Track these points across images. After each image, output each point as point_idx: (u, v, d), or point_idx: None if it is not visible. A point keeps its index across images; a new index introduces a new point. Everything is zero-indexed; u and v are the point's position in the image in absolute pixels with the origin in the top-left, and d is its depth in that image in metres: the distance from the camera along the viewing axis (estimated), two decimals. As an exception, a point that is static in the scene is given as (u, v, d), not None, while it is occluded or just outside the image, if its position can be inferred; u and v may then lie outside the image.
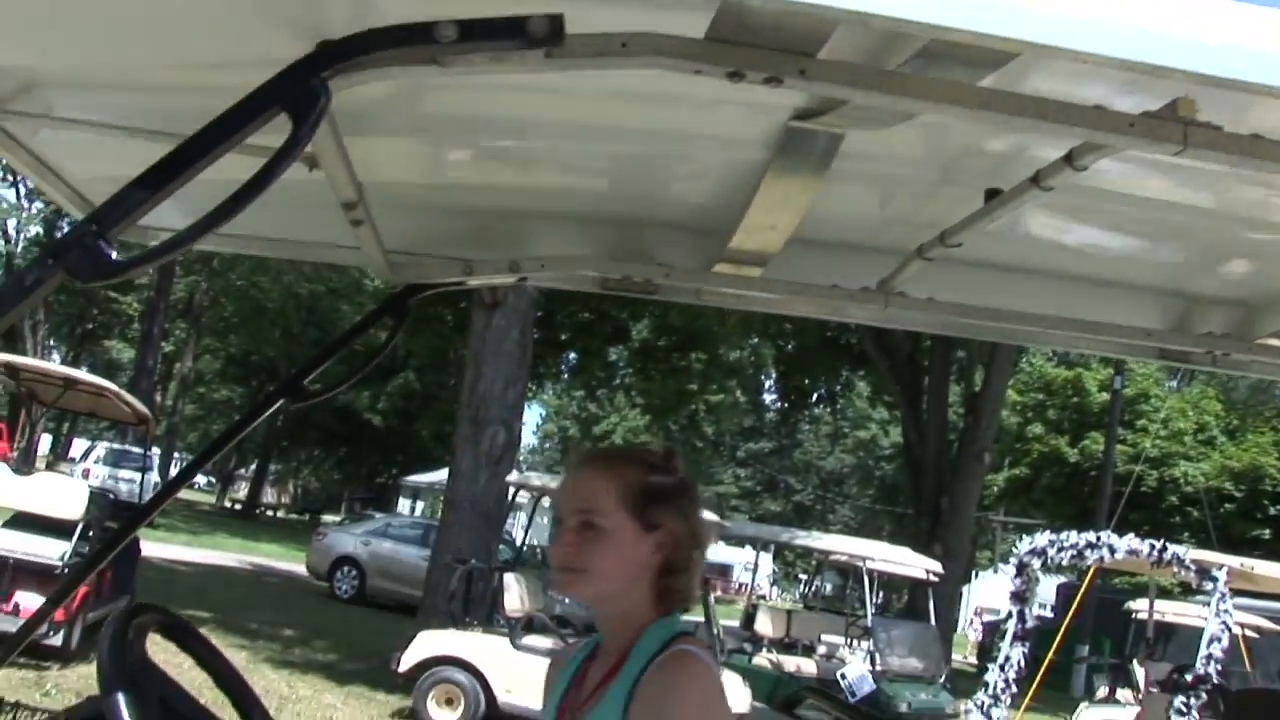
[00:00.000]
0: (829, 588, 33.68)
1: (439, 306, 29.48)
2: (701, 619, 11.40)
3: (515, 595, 11.68)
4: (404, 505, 47.55)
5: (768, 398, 62.13)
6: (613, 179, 2.48)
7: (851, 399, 52.56)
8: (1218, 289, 2.82)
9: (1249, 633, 17.19)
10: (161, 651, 1.98)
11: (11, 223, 44.06)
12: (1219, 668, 9.77)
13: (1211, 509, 32.97)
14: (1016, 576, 9.35)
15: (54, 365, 15.37)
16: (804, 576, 32.64)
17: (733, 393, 45.42)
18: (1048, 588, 32.46)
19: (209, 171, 1.37)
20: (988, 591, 40.26)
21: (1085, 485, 34.34)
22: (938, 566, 16.53)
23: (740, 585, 48.85)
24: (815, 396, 39.73)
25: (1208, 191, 2.23)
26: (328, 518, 43.29)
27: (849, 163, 2.07)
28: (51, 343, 53.49)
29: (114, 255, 1.28)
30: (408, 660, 10.90)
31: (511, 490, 13.67)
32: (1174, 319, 2.89)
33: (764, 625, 17.43)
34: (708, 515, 14.94)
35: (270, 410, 2.53)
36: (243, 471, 59.44)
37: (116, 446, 35.51)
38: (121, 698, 1.49)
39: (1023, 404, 38.99)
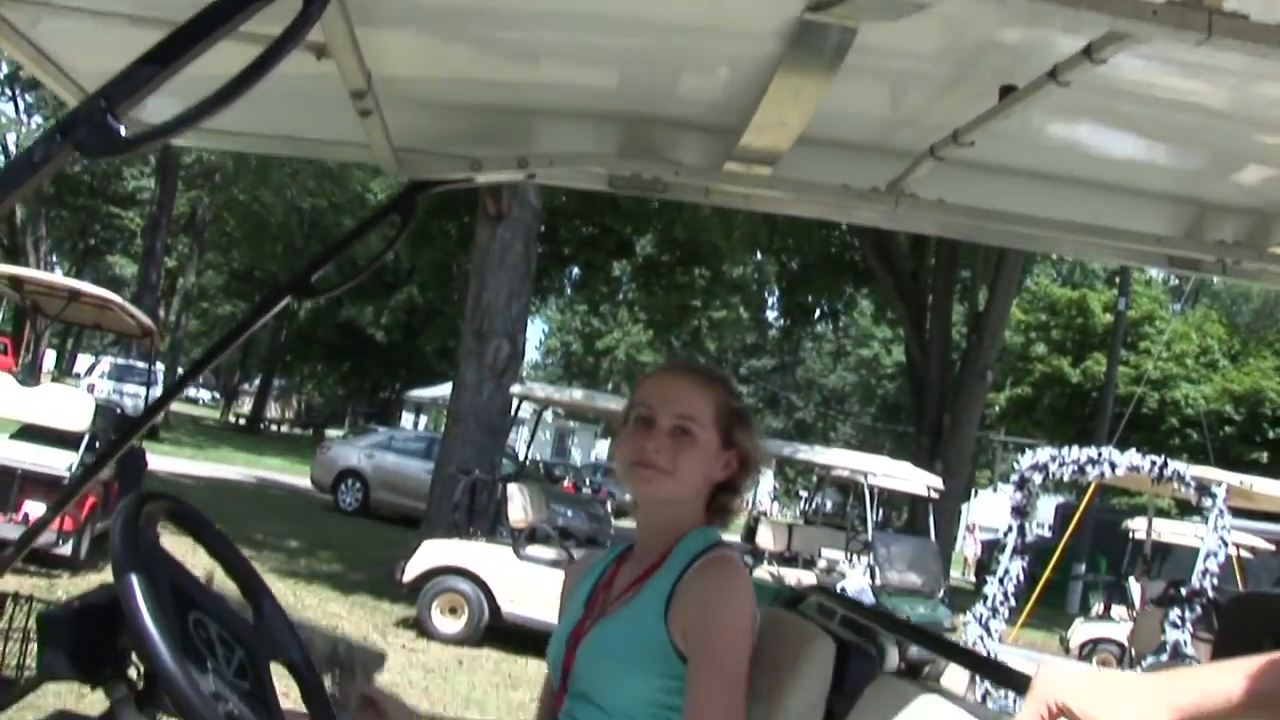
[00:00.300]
0: (829, 505, 33.91)
1: (443, 220, 29.35)
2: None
3: (519, 506, 11.77)
4: (407, 420, 47.82)
5: (770, 315, 62.15)
6: (623, 74, 2.44)
7: (855, 317, 52.52)
8: (1231, 196, 2.79)
9: (1243, 553, 17.38)
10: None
11: (11, 137, 43.76)
12: (1214, 583, 9.85)
13: (1211, 431, 33.11)
14: (1017, 491, 9.38)
15: (58, 277, 15.35)
16: (804, 493, 32.81)
17: (736, 309, 45.39)
18: (1045, 507, 32.68)
19: (216, 66, 1.35)
20: (986, 510, 40.50)
21: (1086, 406, 34.45)
22: (938, 482, 16.61)
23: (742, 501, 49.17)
24: (818, 314, 39.66)
25: (1226, 93, 2.19)
26: (331, 432, 43.55)
27: (862, 58, 2.04)
28: (54, 259, 53.43)
29: (123, 131, 1.26)
30: (412, 570, 10.99)
31: (515, 402, 13.71)
32: (1185, 225, 2.86)
33: (765, 539, 17.59)
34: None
35: (278, 307, 2.52)
36: (247, 386, 59.67)
37: (121, 361, 35.64)
38: (135, 578, 1.50)
39: (1026, 323, 38.96)
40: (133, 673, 1.71)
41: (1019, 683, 1.47)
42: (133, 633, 1.47)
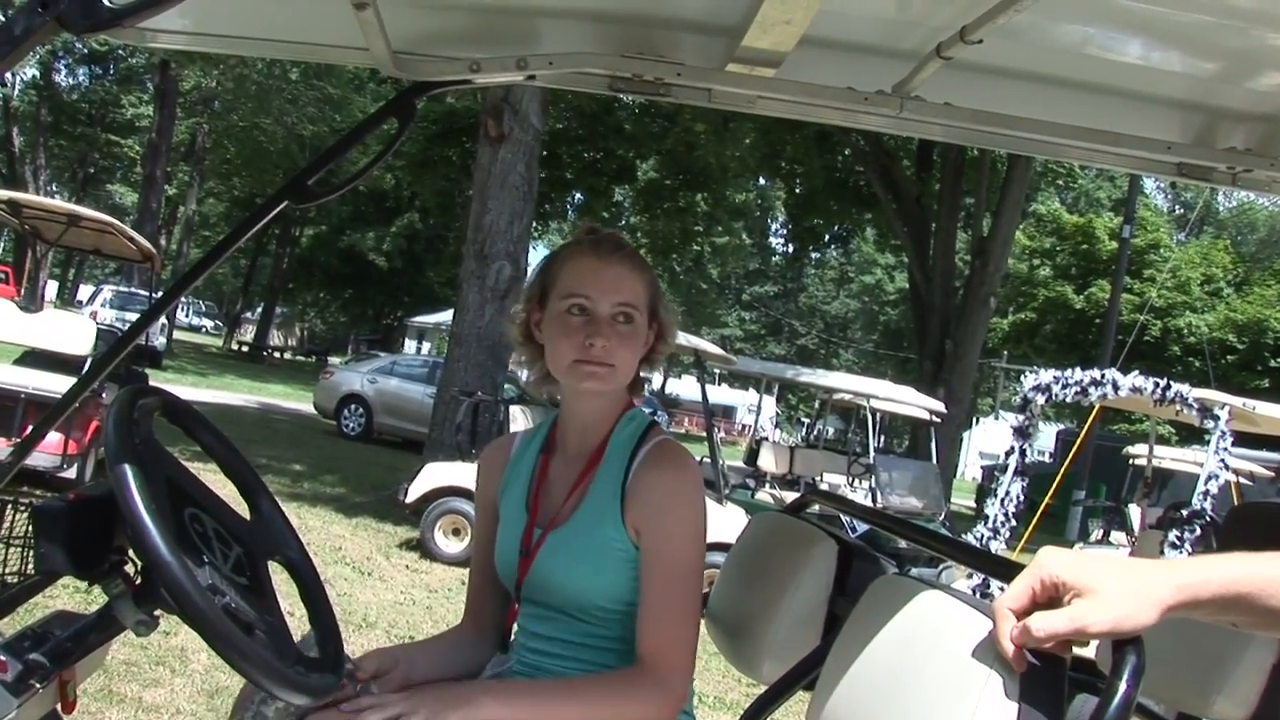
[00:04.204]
0: (831, 432, 34.02)
1: (444, 147, 29.16)
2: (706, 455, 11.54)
3: (522, 427, 11.74)
4: (409, 346, 47.94)
5: (774, 241, 62.01)
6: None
7: (861, 244, 52.37)
8: (1243, 101, 2.74)
9: (1242, 479, 17.44)
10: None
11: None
12: (1214, 505, 9.85)
13: (1213, 360, 33.12)
14: (1020, 412, 9.35)
15: (57, 202, 15.26)
16: (806, 421, 32.90)
17: (738, 235, 45.26)
18: (1046, 434, 32.75)
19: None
20: (988, 438, 40.55)
21: (1089, 333, 34.44)
22: (940, 406, 16.64)
23: (743, 427, 49.45)
24: (823, 239, 39.53)
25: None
26: (334, 359, 43.67)
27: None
28: (54, 188, 53.23)
29: (108, 2, 1.20)
30: (415, 491, 11.03)
31: (517, 323, 13.63)
32: (1195, 132, 2.81)
33: (767, 461, 17.65)
34: (717, 350, 14.94)
35: (275, 211, 2.48)
36: (249, 315, 59.71)
37: (123, 289, 35.61)
38: (128, 468, 1.48)
39: (1031, 249, 38.86)
40: (130, 569, 1.70)
41: (1015, 574, 1.46)
42: (127, 523, 1.46)
